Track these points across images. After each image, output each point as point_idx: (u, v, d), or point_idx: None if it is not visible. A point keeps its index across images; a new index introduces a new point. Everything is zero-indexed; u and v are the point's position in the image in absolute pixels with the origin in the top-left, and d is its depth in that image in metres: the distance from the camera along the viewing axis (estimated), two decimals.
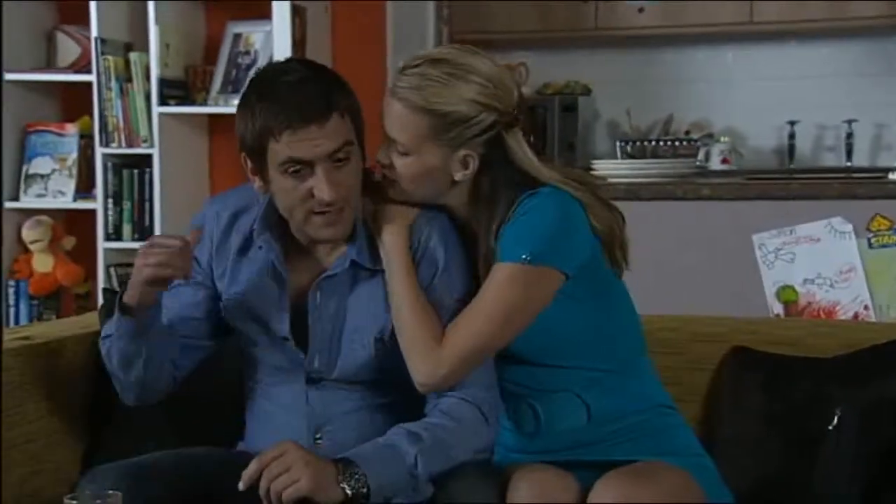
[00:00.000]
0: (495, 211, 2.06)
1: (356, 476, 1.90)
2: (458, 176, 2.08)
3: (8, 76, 4.24)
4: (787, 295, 3.74)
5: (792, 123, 5.99)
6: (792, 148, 6.03)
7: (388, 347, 2.08)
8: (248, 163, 2.06)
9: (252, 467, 1.90)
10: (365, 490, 1.90)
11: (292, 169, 1.99)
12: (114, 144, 4.20)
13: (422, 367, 2.02)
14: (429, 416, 2.04)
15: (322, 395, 2.11)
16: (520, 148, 2.08)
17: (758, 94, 6.05)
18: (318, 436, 2.10)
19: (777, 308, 3.74)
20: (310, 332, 2.09)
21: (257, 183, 2.07)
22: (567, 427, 2.11)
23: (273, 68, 2.08)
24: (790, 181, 4.43)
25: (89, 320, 2.58)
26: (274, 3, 4.13)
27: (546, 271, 2.02)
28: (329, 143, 1.98)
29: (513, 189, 2.06)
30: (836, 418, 2.22)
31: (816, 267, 3.72)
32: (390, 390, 2.11)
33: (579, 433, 2.11)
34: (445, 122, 2.03)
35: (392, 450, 1.95)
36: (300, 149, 1.97)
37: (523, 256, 2.00)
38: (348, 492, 1.89)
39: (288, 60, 2.14)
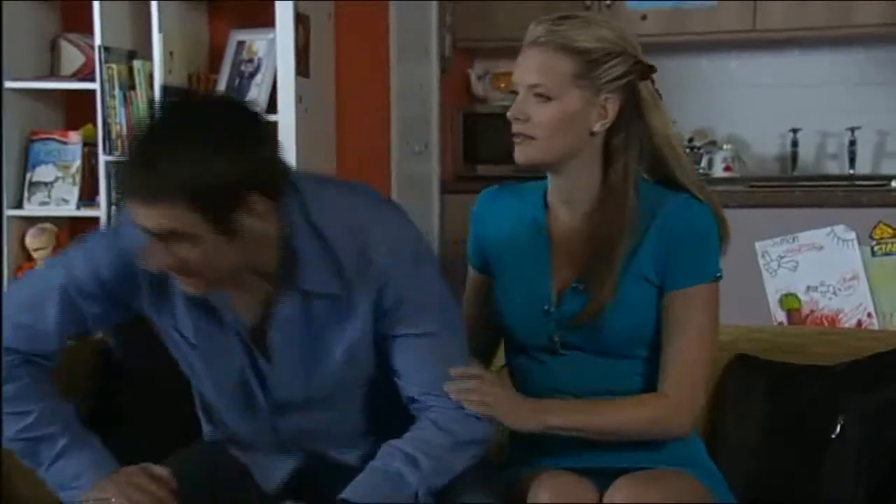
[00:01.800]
0: (629, 170, 2.09)
1: None
2: (596, 126, 2.09)
3: (12, 84, 4.25)
4: (790, 303, 3.74)
5: (795, 131, 5.98)
6: (795, 155, 6.02)
7: (354, 365, 1.98)
8: None
9: None
10: None
11: None
12: (117, 152, 4.20)
13: (672, 429, 2.07)
14: (419, 424, 1.97)
15: (288, 420, 2.03)
16: (653, 100, 2.12)
17: (761, 102, 6.04)
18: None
19: (780, 316, 3.74)
20: (274, 370, 1.97)
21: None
22: None
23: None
24: (793, 189, 4.43)
25: None
26: (277, 11, 4.13)
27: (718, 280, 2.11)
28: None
29: (643, 152, 2.10)
30: (839, 426, 2.21)
31: (819, 275, 3.71)
32: (358, 410, 2.04)
33: None
34: (586, 60, 2.06)
35: (393, 481, 1.90)
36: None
37: (717, 274, 2.08)
38: None
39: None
